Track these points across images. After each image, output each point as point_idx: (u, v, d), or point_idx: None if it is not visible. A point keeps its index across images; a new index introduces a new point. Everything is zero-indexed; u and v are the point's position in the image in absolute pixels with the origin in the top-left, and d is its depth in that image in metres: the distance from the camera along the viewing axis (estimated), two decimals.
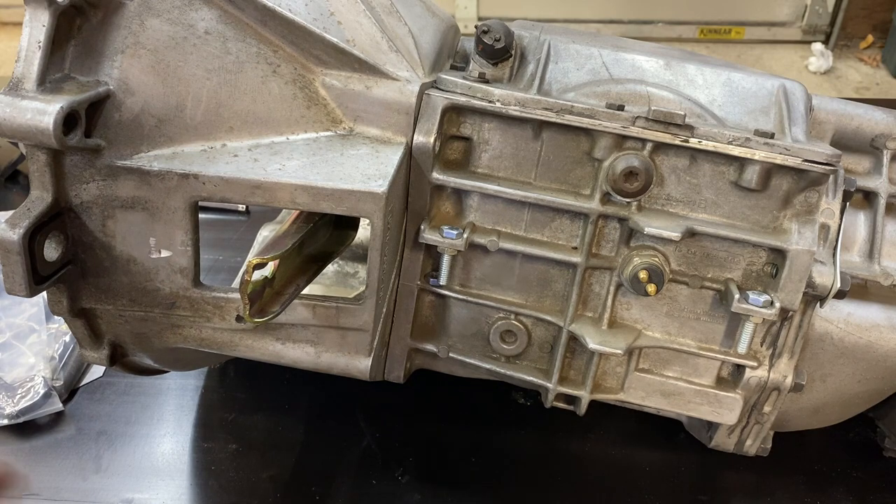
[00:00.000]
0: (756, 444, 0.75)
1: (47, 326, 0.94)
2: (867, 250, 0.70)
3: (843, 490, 0.80)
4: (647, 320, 0.69)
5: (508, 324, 0.70)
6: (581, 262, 0.65)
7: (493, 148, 0.64)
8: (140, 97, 0.55)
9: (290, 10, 0.57)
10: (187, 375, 0.90)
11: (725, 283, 0.65)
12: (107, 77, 0.54)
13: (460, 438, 0.84)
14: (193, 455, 0.81)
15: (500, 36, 0.64)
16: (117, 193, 0.55)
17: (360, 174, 0.56)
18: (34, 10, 0.50)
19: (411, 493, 0.77)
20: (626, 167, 0.61)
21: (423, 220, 0.65)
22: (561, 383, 0.71)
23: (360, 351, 0.66)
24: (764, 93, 0.66)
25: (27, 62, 0.51)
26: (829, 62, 3.11)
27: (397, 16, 0.62)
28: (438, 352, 0.72)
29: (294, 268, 0.63)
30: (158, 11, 0.55)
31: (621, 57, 0.67)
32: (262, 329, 0.64)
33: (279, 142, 0.59)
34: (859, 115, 0.71)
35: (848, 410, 0.77)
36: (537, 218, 0.66)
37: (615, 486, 0.80)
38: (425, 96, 0.61)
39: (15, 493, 0.76)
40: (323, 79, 0.60)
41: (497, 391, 0.83)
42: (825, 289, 0.64)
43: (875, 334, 0.69)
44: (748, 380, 0.69)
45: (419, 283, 0.69)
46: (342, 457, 0.81)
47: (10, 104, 0.49)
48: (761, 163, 0.60)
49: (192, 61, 0.56)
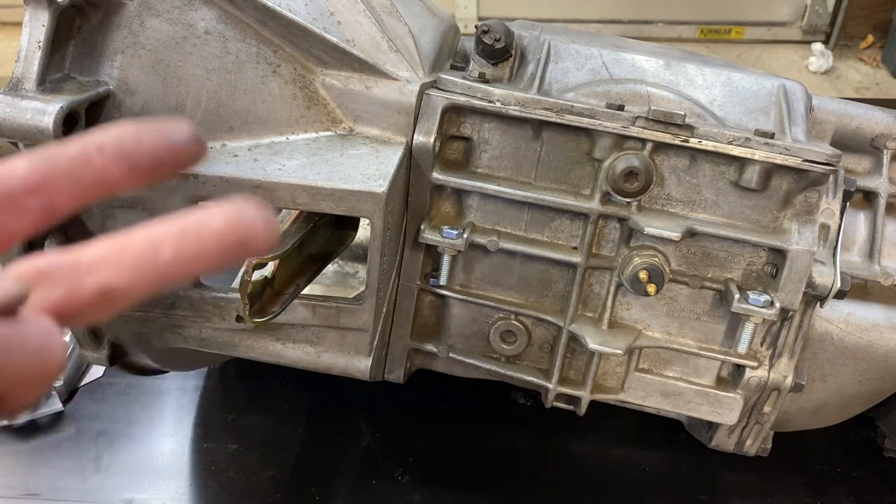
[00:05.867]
0: (756, 444, 0.75)
1: None
2: (867, 250, 0.70)
3: (843, 490, 0.80)
4: (647, 320, 0.69)
5: (508, 324, 0.70)
6: (581, 262, 0.65)
7: (493, 148, 0.64)
8: (140, 97, 0.55)
9: (290, 10, 0.57)
10: (187, 375, 0.89)
11: (725, 283, 0.65)
12: (107, 77, 0.54)
13: (460, 438, 0.84)
14: (193, 455, 0.81)
15: (500, 36, 0.64)
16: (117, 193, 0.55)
17: (360, 174, 0.56)
18: (34, 10, 0.50)
19: (411, 493, 0.77)
20: (626, 167, 0.61)
21: (423, 220, 0.65)
22: (561, 383, 0.71)
23: (360, 351, 0.66)
24: (764, 93, 0.66)
25: (27, 62, 0.51)
26: (829, 62, 3.10)
27: (397, 16, 0.62)
28: (438, 352, 0.72)
29: (294, 268, 0.63)
30: (158, 11, 0.55)
31: (621, 57, 0.67)
32: (262, 329, 0.64)
33: (279, 142, 0.59)
34: (859, 115, 0.71)
35: (848, 410, 0.77)
36: (537, 218, 0.66)
37: (615, 485, 0.80)
38: (425, 96, 0.61)
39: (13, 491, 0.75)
40: (323, 79, 0.60)
41: (497, 391, 0.83)
42: (825, 289, 0.64)
43: (875, 334, 0.69)
44: (748, 380, 0.69)
45: (419, 283, 0.69)
46: (342, 457, 0.81)
47: (9, 104, 0.49)
48: (761, 163, 0.60)
49: (192, 61, 0.56)
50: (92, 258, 0.28)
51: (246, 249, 0.29)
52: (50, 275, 0.28)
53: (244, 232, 0.28)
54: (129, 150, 0.30)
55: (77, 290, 0.28)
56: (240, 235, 0.29)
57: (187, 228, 0.29)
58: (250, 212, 0.28)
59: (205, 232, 0.28)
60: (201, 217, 0.29)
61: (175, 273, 0.29)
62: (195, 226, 0.29)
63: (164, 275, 0.29)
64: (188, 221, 0.29)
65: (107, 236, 0.29)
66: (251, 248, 0.29)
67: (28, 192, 0.29)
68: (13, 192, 0.28)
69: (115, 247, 0.29)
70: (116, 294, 0.28)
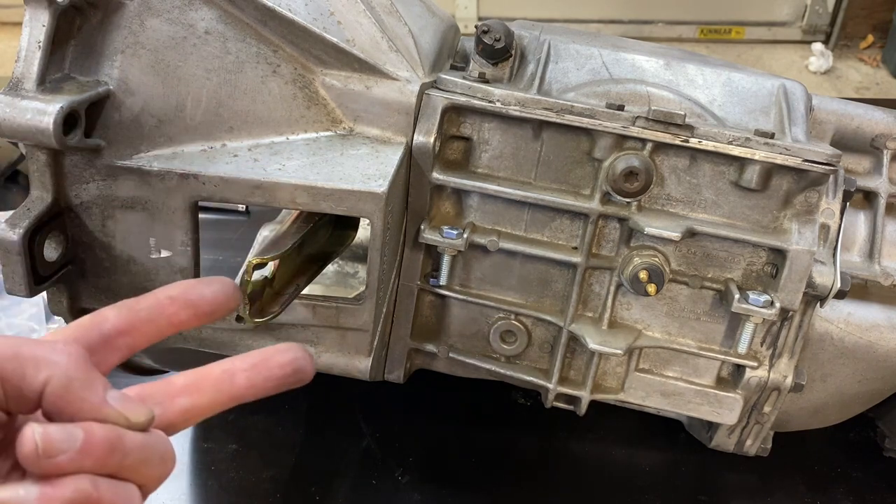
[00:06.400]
0: (756, 444, 0.75)
1: (47, 326, 0.94)
2: (867, 250, 0.70)
3: (843, 490, 0.80)
4: (647, 320, 0.69)
5: (508, 324, 0.70)
6: (581, 262, 0.65)
7: (493, 148, 0.64)
8: (140, 97, 0.55)
9: (290, 10, 0.57)
10: None
11: (725, 283, 0.65)
12: (107, 77, 0.54)
13: (460, 438, 0.84)
14: (193, 455, 0.81)
15: (500, 36, 0.64)
16: (117, 193, 0.55)
17: (360, 174, 0.56)
18: (34, 10, 0.50)
19: (411, 493, 0.77)
20: (626, 167, 0.61)
21: (423, 220, 0.65)
22: (561, 383, 0.71)
23: (360, 351, 0.66)
24: (764, 93, 0.66)
25: (27, 62, 0.50)
26: (829, 62, 3.11)
27: (397, 15, 0.62)
28: (438, 352, 0.72)
29: (294, 268, 0.63)
30: (158, 11, 0.55)
31: (621, 57, 0.67)
32: (262, 329, 0.64)
33: (279, 142, 0.59)
34: (859, 115, 0.71)
35: (848, 410, 0.77)
36: (537, 218, 0.66)
37: (615, 485, 0.80)
38: (425, 96, 0.61)
39: None
40: (323, 79, 0.60)
41: (497, 391, 0.83)
42: (825, 289, 0.64)
43: (875, 334, 0.69)
44: (748, 380, 0.69)
45: (419, 283, 0.69)
46: (342, 457, 0.81)
47: (9, 104, 0.49)
48: (761, 163, 0.60)
49: (192, 61, 0.56)
50: (180, 385, 0.39)
51: (299, 377, 0.41)
52: (149, 398, 0.38)
53: (299, 364, 0.40)
54: (194, 301, 0.41)
55: (171, 409, 0.38)
56: (296, 367, 0.40)
57: (257, 362, 0.40)
58: (300, 350, 0.41)
59: (272, 365, 0.40)
60: (268, 354, 0.40)
61: (245, 396, 0.40)
62: (263, 360, 0.40)
63: (237, 397, 0.39)
64: (258, 357, 0.40)
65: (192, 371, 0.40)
66: (303, 378, 0.41)
67: (118, 335, 0.39)
68: (108, 337, 0.38)
69: (198, 376, 0.39)
70: (198, 411, 0.39)
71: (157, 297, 0.40)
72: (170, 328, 0.40)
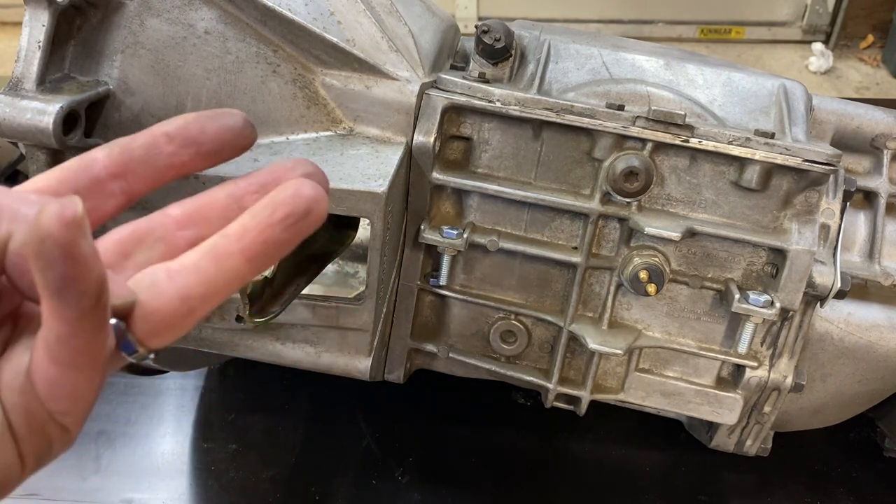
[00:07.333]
0: (756, 445, 0.75)
1: None
2: (867, 250, 0.70)
3: (843, 490, 0.80)
4: (647, 320, 0.69)
5: (508, 324, 0.70)
6: (581, 262, 0.65)
7: (493, 148, 0.64)
8: (140, 97, 0.55)
9: (290, 10, 0.57)
10: (187, 375, 0.89)
11: (725, 283, 0.65)
12: (106, 77, 0.54)
13: (460, 438, 0.84)
14: (193, 455, 0.81)
15: (500, 36, 0.64)
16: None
17: (360, 174, 0.56)
18: (34, 10, 0.50)
19: (411, 493, 0.77)
20: (626, 167, 0.61)
21: (423, 220, 0.65)
22: (561, 383, 0.71)
23: (360, 351, 0.66)
24: (764, 93, 0.66)
25: (27, 62, 0.51)
26: (829, 62, 3.10)
27: (397, 15, 0.62)
28: (438, 352, 0.72)
29: (294, 268, 0.63)
30: (158, 11, 0.55)
31: (621, 57, 0.67)
32: (262, 329, 0.64)
33: (279, 141, 0.59)
34: (859, 115, 0.71)
35: (848, 410, 0.77)
36: (537, 218, 0.66)
37: (615, 486, 0.80)
38: (425, 96, 0.61)
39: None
40: (323, 79, 0.60)
41: (497, 391, 0.83)
42: (825, 289, 0.64)
43: (875, 334, 0.69)
44: (748, 380, 0.69)
45: (419, 283, 0.69)
46: (342, 457, 0.81)
47: (9, 104, 0.49)
48: (761, 163, 0.60)
49: (192, 61, 0.56)
50: (179, 216, 0.34)
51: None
52: (148, 236, 0.33)
53: None
54: (194, 137, 0.34)
55: (175, 245, 0.33)
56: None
57: (267, 182, 0.33)
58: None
59: (279, 191, 0.31)
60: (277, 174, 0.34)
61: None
62: (274, 180, 0.33)
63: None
64: (265, 177, 0.34)
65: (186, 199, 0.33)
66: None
67: (111, 178, 0.33)
68: (98, 179, 0.32)
69: (200, 203, 0.34)
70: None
71: (152, 133, 0.34)
72: (170, 170, 0.34)
